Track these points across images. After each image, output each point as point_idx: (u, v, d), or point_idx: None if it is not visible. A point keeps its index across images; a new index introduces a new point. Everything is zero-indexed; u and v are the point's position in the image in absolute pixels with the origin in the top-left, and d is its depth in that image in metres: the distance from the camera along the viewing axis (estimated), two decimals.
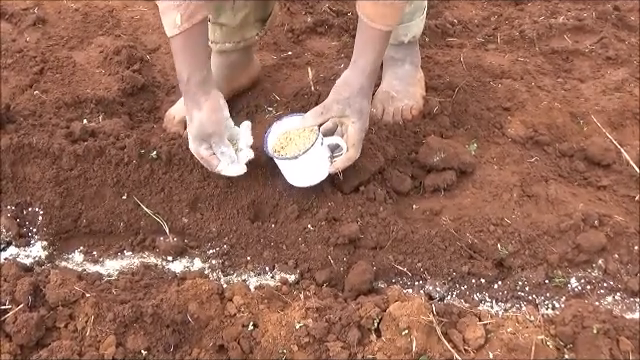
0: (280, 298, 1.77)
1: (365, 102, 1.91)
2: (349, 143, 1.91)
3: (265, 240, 1.95)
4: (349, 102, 1.89)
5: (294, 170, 1.93)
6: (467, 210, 1.97)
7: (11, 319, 1.69)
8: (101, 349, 1.66)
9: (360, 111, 1.90)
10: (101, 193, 2.02)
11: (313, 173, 1.93)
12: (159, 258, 1.97)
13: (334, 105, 1.91)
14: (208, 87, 1.92)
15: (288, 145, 1.93)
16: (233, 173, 1.95)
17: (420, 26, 2.24)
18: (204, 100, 1.90)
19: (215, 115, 1.91)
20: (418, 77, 2.30)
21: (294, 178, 1.95)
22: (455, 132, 2.20)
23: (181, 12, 1.80)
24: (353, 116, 1.90)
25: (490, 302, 1.81)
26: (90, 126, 2.18)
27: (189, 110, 1.92)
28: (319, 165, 1.92)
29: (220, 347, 1.68)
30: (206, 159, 1.94)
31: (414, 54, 2.30)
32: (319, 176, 1.94)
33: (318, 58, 2.54)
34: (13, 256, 1.95)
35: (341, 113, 1.90)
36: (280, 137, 1.96)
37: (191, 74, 1.88)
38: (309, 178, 1.94)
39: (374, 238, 1.91)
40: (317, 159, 1.91)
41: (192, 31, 1.84)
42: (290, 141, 1.94)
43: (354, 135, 1.90)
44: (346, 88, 1.91)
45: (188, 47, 1.87)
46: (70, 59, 2.52)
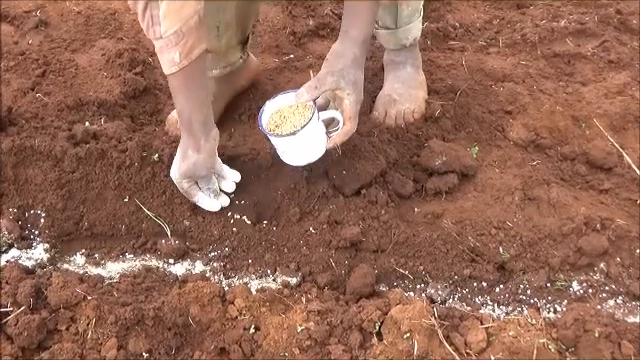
0: (282, 301, 1.77)
1: (359, 73, 1.86)
2: (345, 116, 1.85)
3: (267, 243, 1.95)
4: (343, 74, 1.83)
5: (292, 148, 1.88)
6: (469, 213, 1.97)
7: (13, 321, 1.69)
8: (102, 352, 1.66)
9: (355, 82, 1.84)
10: (103, 196, 2.03)
11: (311, 150, 1.88)
12: (161, 261, 1.97)
13: (328, 77, 1.83)
14: (209, 127, 1.89)
15: (283, 123, 1.88)
16: (209, 208, 1.98)
17: (419, 27, 2.24)
18: (204, 142, 1.88)
19: (211, 160, 1.92)
20: (420, 79, 2.30)
21: (292, 157, 1.90)
22: (457, 135, 2.20)
23: (180, 50, 1.74)
24: (348, 88, 1.83)
25: (492, 305, 1.81)
26: (92, 129, 2.18)
27: (185, 147, 1.89)
28: (317, 141, 1.87)
29: (221, 350, 1.68)
30: (187, 191, 1.95)
31: (415, 56, 2.30)
32: (317, 153, 1.89)
33: (320, 61, 2.50)
34: (15, 258, 1.95)
35: (335, 85, 1.83)
36: (274, 116, 1.91)
37: (192, 113, 1.84)
38: (307, 156, 1.89)
39: (376, 241, 1.91)
40: (315, 135, 1.86)
41: (192, 68, 1.78)
42: (285, 119, 1.89)
43: (350, 108, 1.84)
44: (339, 60, 1.85)
45: (188, 85, 1.81)
46: (72, 62, 2.52)
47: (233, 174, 2.01)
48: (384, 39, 2.24)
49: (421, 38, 2.51)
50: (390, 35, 2.21)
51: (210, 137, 1.89)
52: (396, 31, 2.20)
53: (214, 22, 2.07)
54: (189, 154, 1.89)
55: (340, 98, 1.85)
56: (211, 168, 1.94)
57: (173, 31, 1.71)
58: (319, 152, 1.89)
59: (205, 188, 1.96)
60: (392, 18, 2.18)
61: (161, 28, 1.71)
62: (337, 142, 1.87)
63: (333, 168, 1.98)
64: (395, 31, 2.20)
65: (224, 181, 2.01)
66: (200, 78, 1.84)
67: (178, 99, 1.84)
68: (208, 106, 1.89)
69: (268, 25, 2.71)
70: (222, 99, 2.28)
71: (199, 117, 1.85)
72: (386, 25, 2.20)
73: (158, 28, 1.72)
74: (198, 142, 1.87)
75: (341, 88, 1.83)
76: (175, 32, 1.71)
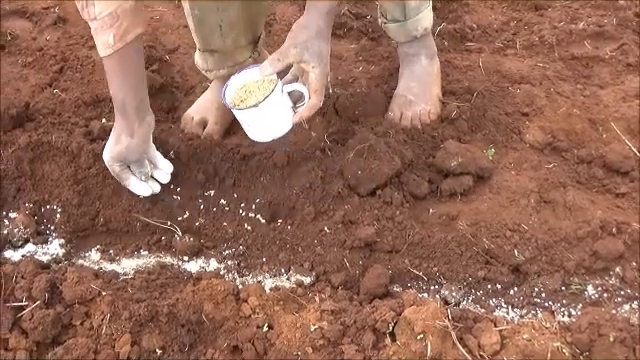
0: (295, 300, 1.78)
1: (324, 45, 1.81)
2: (311, 90, 1.81)
3: (281, 242, 1.95)
4: (307, 45, 1.78)
5: (256, 122, 1.85)
6: (484, 215, 1.96)
7: (28, 316, 1.70)
8: (116, 347, 1.66)
9: (319, 55, 1.80)
10: (118, 192, 2.03)
11: (276, 124, 1.85)
12: (175, 258, 1.98)
13: (291, 50, 1.79)
14: (144, 112, 1.90)
15: (248, 98, 1.86)
16: (139, 192, 1.98)
17: (429, 17, 2.22)
18: (137, 127, 1.89)
19: (144, 145, 1.93)
20: (435, 71, 2.29)
21: (257, 132, 1.88)
22: (473, 137, 2.19)
23: (114, 32, 1.75)
24: (313, 60, 1.79)
25: (506, 308, 1.80)
26: (109, 125, 2.17)
27: (119, 131, 1.90)
28: (282, 115, 1.84)
29: (234, 348, 1.68)
30: (118, 174, 1.96)
31: (428, 46, 2.28)
32: (282, 128, 1.86)
33: (336, 61, 2.53)
34: (31, 253, 1.97)
35: (299, 58, 1.79)
36: (239, 91, 1.88)
37: (127, 97, 1.85)
38: (272, 130, 1.86)
39: (390, 242, 1.90)
40: (279, 108, 1.83)
41: (126, 50, 1.78)
42: (250, 94, 1.86)
43: (316, 81, 1.80)
44: (303, 31, 1.80)
45: (123, 68, 1.82)
46: (90, 58, 2.53)
47: (167, 165, 2.01)
48: (394, 32, 2.23)
49: (438, 39, 2.52)
50: (400, 28, 2.20)
51: (144, 122, 1.90)
52: (405, 23, 2.18)
53: (215, 21, 2.06)
54: (122, 138, 1.90)
55: (306, 72, 1.82)
56: (144, 153, 1.95)
57: (107, 13, 1.72)
58: (285, 127, 1.86)
59: (137, 172, 1.97)
60: (400, 10, 2.16)
61: (95, 9, 1.73)
62: (303, 117, 1.84)
63: (348, 168, 1.97)
64: (404, 23, 2.18)
65: (158, 171, 2.01)
66: (135, 62, 1.85)
67: (112, 82, 1.85)
68: (143, 91, 1.89)
69: (285, 24, 2.71)
70: None
71: (133, 101, 1.86)
72: (395, 18, 2.19)
73: (92, 9, 1.74)
74: (132, 126, 1.88)
75: (305, 61, 1.79)
76: (110, 14, 1.73)
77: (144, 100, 1.89)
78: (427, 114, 2.21)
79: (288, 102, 1.85)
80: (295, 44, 1.80)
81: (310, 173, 2.00)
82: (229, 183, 2.04)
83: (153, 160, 2.00)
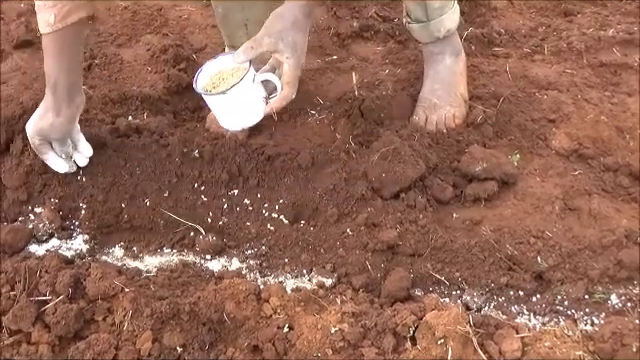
0: (316, 301, 1.78)
1: (299, 36, 1.79)
2: (284, 81, 1.79)
3: (303, 243, 1.95)
4: (281, 35, 1.77)
5: (225, 109, 1.84)
6: (508, 221, 1.95)
7: (51, 310, 1.71)
8: (138, 344, 1.67)
9: (294, 46, 1.78)
10: (143, 190, 2.05)
11: (246, 113, 1.84)
12: (198, 256, 1.98)
13: (265, 39, 1.78)
14: (74, 94, 1.93)
15: (220, 85, 1.85)
16: (56, 169, 2.01)
17: (453, 18, 2.21)
18: (65, 107, 1.92)
19: (69, 125, 1.96)
20: (460, 70, 2.27)
21: (227, 119, 1.87)
22: (498, 142, 2.18)
23: (55, 12, 1.80)
24: (287, 51, 1.77)
25: (528, 315, 1.79)
26: (135, 123, 2.20)
27: (46, 107, 1.93)
28: (252, 104, 1.83)
29: (255, 347, 1.68)
30: (37, 148, 1.98)
31: (454, 44, 2.27)
32: (253, 117, 1.85)
33: (363, 63, 2.53)
34: (55, 248, 1.99)
35: (273, 47, 1.78)
36: (213, 77, 1.87)
37: (59, 77, 1.88)
38: (242, 119, 1.85)
39: (413, 245, 1.90)
40: (249, 97, 1.81)
41: (65, 32, 1.83)
42: (223, 80, 1.85)
43: (289, 72, 1.78)
44: (279, 20, 1.79)
45: (60, 48, 1.86)
46: (118, 56, 2.55)
47: (87, 149, 2.03)
48: (417, 33, 2.22)
49: (465, 43, 2.51)
50: (423, 28, 2.19)
51: (73, 104, 1.94)
52: (428, 24, 2.17)
53: (241, 20, 2.06)
54: (48, 115, 1.93)
55: (279, 62, 1.81)
56: (67, 133, 1.98)
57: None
58: (255, 117, 1.85)
59: (58, 149, 1.99)
60: (422, 11, 2.16)
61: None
62: (274, 107, 1.82)
63: (373, 170, 1.97)
64: (427, 24, 2.17)
65: (78, 154, 2.03)
66: (73, 45, 1.89)
67: (47, 60, 1.88)
68: (77, 73, 1.94)
69: (312, 25, 2.70)
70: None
71: (65, 82, 1.89)
72: (418, 18, 2.18)
73: None
74: (60, 106, 1.91)
75: (279, 51, 1.78)
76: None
77: (77, 82, 1.94)
78: (452, 117, 2.20)
79: (261, 92, 1.84)
80: (270, 33, 1.79)
81: (334, 175, 2.00)
82: (253, 183, 2.04)
83: (75, 142, 2.03)
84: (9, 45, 2.64)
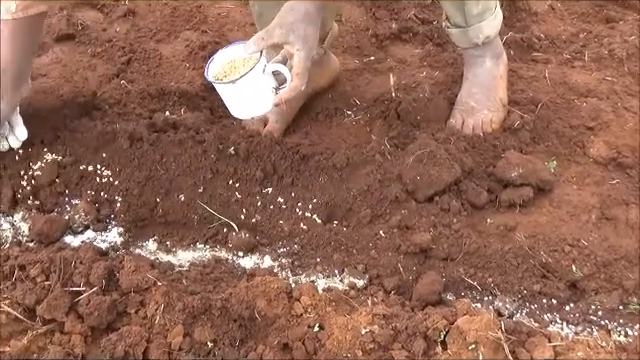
0: (347, 302, 1.77)
1: (310, 29, 1.79)
2: (293, 72, 1.79)
3: (336, 243, 1.95)
4: (293, 28, 1.77)
5: (234, 97, 1.85)
6: (542, 228, 1.94)
7: (84, 301, 1.73)
8: (169, 337, 1.68)
9: (305, 38, 1.78)
10: (178, 185, 2.06)
11: (255, 102, 1.84)
12: (230, 253, 1.99)
13: (276, 30, 1.78)
14: (21, 82, 2.00)
15: (232, 73, 1.85)
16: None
17: (493, 25, 2.18)
18: (9, 93, 1.97)
19: (10, 111, 2.02)
20: (500, 73, 2.25)
21: (235, 107, 1.88)
22: (535, 148, 2.17)
23: (17, 2, 1.85)
24: (297, 43, 1.77)
25: (560, 324, 1.77)
26: (172, 118, 2.22)
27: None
28: (261, 94, 1.83)
29: (285, 346, 1.68)
30: None
31: (494, 47, 2.25)
32: (261, 107, 1.85)
33: (400, 65, 2.53)
34: (90, 240, 2.00)
35: (284, 39, 1.78)
36: (225, 66, 1.88)
37: (9, 65, 1.93)
38: (251, 108, 1.86)
39: (446, 249, 1.89)
40: (258, 86, 1.82)
41: (24, 22, 1.88)
42: (234, 69, 1.85)
43: (298, 64, 1.78)
44: (291, 13, 1.79)
45: (15, 36, 1.91)
46: (157, 51, 2.57)
47: (22, 133, 2.07)
48: (456, 37, 2.21)
49: (504, 47, 2.48)
50: (461, 33, 2.18)
51: (18, 91, 2.00)
52: (467, 30, 2.16)
53: None
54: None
55: (290, 54, 1.81)
56: (7, 117, 2.03)
57: None
58: (264, 107, 1.85)
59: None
60: (461, 16, 2.14)
61: None
62: (283, 98, 1.82)
63: (407, 173, 1.97)
64: (466, 30, 2.16)
65: (12, 136, 2.07)
66: (29, 36, 1.95)
67: (1, 46, 1.91)
68: (29, 63, 2.02)
69: (351, 26, 2.71)
70: (300, 96, 2.28)
71: (14, 70, 1.94)
72: (457, 23, 2.17)
73: None
74: (5, 91, 1.96)
75: (290, 42, 1.78)
76: None
77: (26, 72, 2.02)
78: (489, 122, 2.19)
79: (271, 82, 1.84)
80: (281, 24, 1.79)
81: (369, 176, 2.00)
82: (287, 182, 2.04)
83: (12, 124, 2.07)
84: (50, 38, 2.67)
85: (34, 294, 1.74)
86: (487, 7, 2.15)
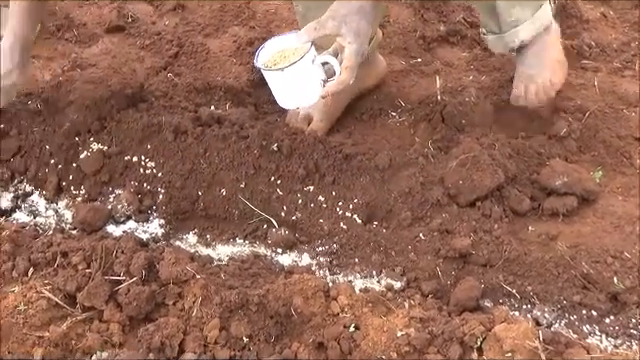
0: (384, 303, 1.77)
1: (363, 23, 1.77)
2: (343, 65, 1.77)
3: (375, 244, 1.95)
4: (345, 20, 1.75)
5: (282, 86, 1.84)
6: (585, 239, 1.91)
7: (124, 290, 1.75)
8: (205, 330, 1.70)
9: (357, 32, 1.76)
10: (220, 179, 2.07)
11: (302, 93, 1.83)
12: (269, 249, 2.00)
13: (329, 22, 1.76)
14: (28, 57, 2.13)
15: (281, 62, 1.84)
16: None
17: (528, 29, 2.15)
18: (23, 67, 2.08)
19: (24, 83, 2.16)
20: (552, 38, 2.23)
21: (282, 96, 1.87)
22: (581, 157, 2.14)
23: None
24: (349, 36, 1.75)
25: (600, 336, 1.75)
26: (217, 113, 2.23)
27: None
28: (309, 84, 1.82)
29: (320, 344, 1.69)
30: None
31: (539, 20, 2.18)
32: (308, 98, 1.84)
33: (447, 68, 2.51)
34: (132, 230, 2.03)
35: (336, 31, 1.76)
36: (275, 55, 1.86)
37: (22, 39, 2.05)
38: (297, 98, 1.85)
39: (485, 255, 1.87)
40: (306, 76, 1.80)
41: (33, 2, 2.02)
42: (284, 59, 1.84)
43: (349, 57, 1.77)
44: (345, 5, 1.77)
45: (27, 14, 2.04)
46: (204, 46, 2.59)
47: None
48: (491, 44, 2.21)
49: None
50: (497, 40, 2.18)
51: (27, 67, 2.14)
52: (502, 36, 2.15)
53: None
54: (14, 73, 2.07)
55: (341, 47, 1.79)
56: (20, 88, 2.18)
57: None
58: (310, 98, 1.84)
59: None
60: (495, 23, 2.14)
61: None
62: (330, 91, 1.81)
63: (450, 176, 1.96)
64: (501, 36, 2.15)
65: None
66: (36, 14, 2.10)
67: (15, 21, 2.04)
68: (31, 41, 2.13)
69: (398, 27, 2.70)
70: (346, 96, 2.29)
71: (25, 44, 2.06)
72: (492, 30, 2.17)
73: None
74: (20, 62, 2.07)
75: (342, 35, 1.77)
76: None
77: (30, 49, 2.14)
78: (550, 85, 2.20)
79: (320, 74, 1.82)
80: (334, 17, 1.77)
81: (411, 178, 1.99)
82: (329, 180, 2.04)
83: None
84: (101, 29, 2.70)
85: (75, 281, 1.77)
86: (521, 17, 2.13)
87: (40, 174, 2.16)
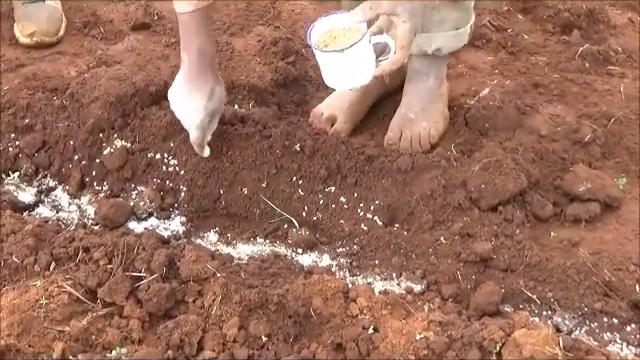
0: (404, 306, 1.77)
1: (417, 3, 1.78)
2: (398, 44, 1.77)
3: (395, 246, 1.94)
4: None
5: (337, 67, 1.82)
6: (607, 246, 1.90)
7: (144, 287, 1.76)
8: (224, 329, 1.70)
9: (412, 11, 1.75)
10: (242, 178, 2.07)
11: (357, 73, 1.82)
12: (289, 249, 2.00)
13: (384, 1, 1.75)
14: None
15: (332, 43, 1.82)
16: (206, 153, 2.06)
17: (448, 41, 2.15)
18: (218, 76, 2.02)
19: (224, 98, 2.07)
20: (441, 92, 2.24)
21: (336, 78, 1.85)
22: (605, 163, 2.13)
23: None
24: (404, 15, 1.74)
25: (620, 344, 1.73)
26: (240, 112, 2.23)
27: (208, 83, 1.98)
28: (364, 65, 1.81)
29: (338, 345, 1.68)
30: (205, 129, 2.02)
31: (440, 68, 2.22)
32: (363, 78, 1.83)
33: (471, 71, 2.50)
34: (153, 227, 2.04)
35: (391, 10, 1.74)
36: (324, 35, 1.84)
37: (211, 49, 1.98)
38: (352, 78, 1.83)
39: (506, 260, 1.87)
40: (363, 57, 1.79)
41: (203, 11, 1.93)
42: (334, 39, 1.82)
43: (404, 36, 1.75)
44: None
45: (203, 23, 1.95)
46: (229, 45, 2.60)
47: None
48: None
49: (579, 59, 2.45)
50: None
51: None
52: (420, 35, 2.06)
53: None
54: (216, 90, 2.00)
55: (395, 25, 1.78)
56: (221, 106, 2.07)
57: None
58: (365, 77, 1.83)
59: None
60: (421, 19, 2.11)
61: None
62: (385, 70, 1.81)
63: (472, 180, 1.95)
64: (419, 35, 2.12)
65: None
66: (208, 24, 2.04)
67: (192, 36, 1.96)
68: None
69: None
70: (370, 96, 2.29)
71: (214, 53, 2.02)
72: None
73: None
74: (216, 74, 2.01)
75: (397, 14, 1.75)
76: None
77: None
78: (427, 136, 2.18)
79: (372, 54, 1.82)
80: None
81: (433, 181, 1.98)
82: (351, 182, 2.04)
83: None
84: (127, 26, 2.72)
85: (96, 277, 1.78)
86: (446, 19, 2.11)
87: (64, 169, 2.18)
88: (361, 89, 2.17)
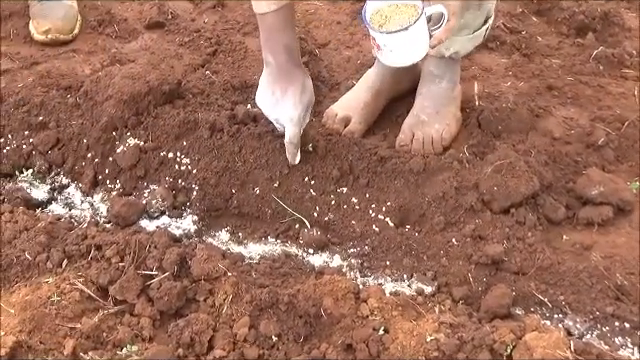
0: (414, 308, 1.76)
1: None
2: (450, 12, 1.79)
3: (407, 247, 1.94)
4: None
5: (400, 45, 1.81)
6: (620, 250, 1.89)
7: (156, 285, 1.77)
8: (235, 328, 1.71)
9: None
10: (254, 178, 2.08)
11: (418, 48, 1.82)
12: (300, 249, 2.00)
13: None
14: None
15: (386, 23, 1.82)
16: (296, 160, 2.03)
17: (466, 46, 2.16)
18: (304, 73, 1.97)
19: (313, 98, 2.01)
20: (454, 95, 2.24)
21: (398, 56, 1.84)
22: (618, 167, 2.12)
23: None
24: None
25: (632, 349, 1.72)
26: (253, 111, 2.23)
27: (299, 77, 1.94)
28: (423, 38, 1.81)
29: (348, 346, 1.68)
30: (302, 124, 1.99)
31: (454, 71, 2.23)
32: (422, 51, 1.83)
33: (485, 73, 2.50)
34: (165, 225, 2.04)
35: None
36: (374, 16, 1.84)
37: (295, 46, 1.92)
38: (414, 54, 1.83)
39: (518, 263, 1.86)
40: (423, 31, 1.80)
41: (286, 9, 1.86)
42: (387, 19, 1.82)
43: (455, 3, 1.79)
44: None
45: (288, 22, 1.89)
46: (242, 44, 2.61)
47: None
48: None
49: (593, 62, 2.45)
50: None
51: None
52: None
53: None
54: (307, 84, 1.96)
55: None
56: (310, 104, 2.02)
57: None
58: (424, 50, 1.84)
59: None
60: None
61: None
62: (442, 39, 1.82)
63: (485, 182, 1.94)
64: None
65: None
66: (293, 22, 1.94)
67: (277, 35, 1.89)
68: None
69: None
70: (384, 97, 2.28)
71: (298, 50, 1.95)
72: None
73: None
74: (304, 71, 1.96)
75: None
76: None
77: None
78: (439, 138, 2.17)
79: (426, 25, 1.83)
80: None
81: (445, 183, 1.98)
82: (363, 182, 2.04)
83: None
84: (141, 24, 2.73)
85: (108, 274, 1.79)
86: (468, 25, 2.11)
87: (77, 167, 2.19)
88: (375, 89, 2.20)
